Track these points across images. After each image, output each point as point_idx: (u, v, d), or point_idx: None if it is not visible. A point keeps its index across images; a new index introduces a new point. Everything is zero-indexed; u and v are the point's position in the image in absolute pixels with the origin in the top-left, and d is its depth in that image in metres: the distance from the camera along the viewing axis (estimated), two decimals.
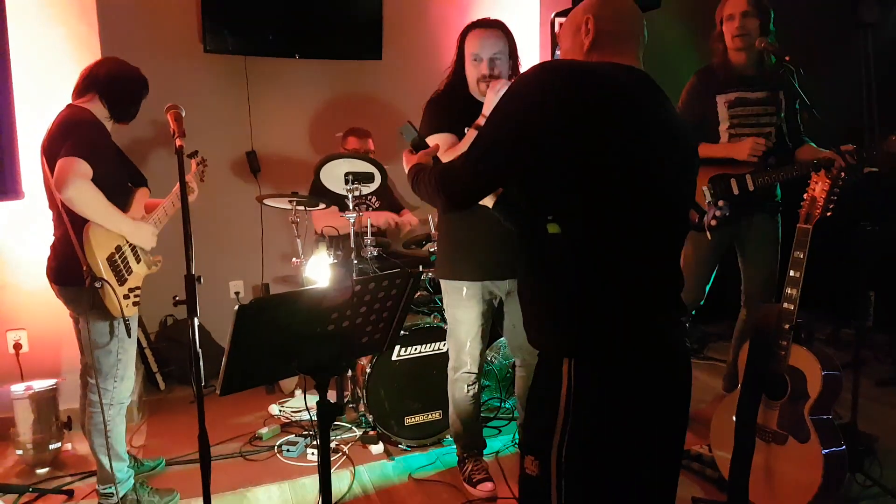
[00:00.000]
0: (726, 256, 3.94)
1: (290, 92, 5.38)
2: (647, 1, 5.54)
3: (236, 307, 1.93)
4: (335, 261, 3.95)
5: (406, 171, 2.35)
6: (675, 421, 1.92)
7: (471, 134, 2.88)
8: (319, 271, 3.99)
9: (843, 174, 2.78)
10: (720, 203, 3.66)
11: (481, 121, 2.84)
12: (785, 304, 2.87)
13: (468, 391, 3.39)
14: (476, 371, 3.37)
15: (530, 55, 5.95)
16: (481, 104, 3.00)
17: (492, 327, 3.45)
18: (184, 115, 2.52)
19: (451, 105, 3.12)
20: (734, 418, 2.98)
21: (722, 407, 3.21)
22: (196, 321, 2.08)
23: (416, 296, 3.72)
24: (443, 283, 3.35)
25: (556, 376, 1.78)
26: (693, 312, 4.06)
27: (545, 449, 1.80)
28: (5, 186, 3.92)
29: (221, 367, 2.04)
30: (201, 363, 2.11)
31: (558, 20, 5.64)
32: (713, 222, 3.67)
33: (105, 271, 2.93)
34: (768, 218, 3.83)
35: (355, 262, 3.94)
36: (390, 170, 4.76)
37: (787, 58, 3.46)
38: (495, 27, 3.10)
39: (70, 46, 4.11)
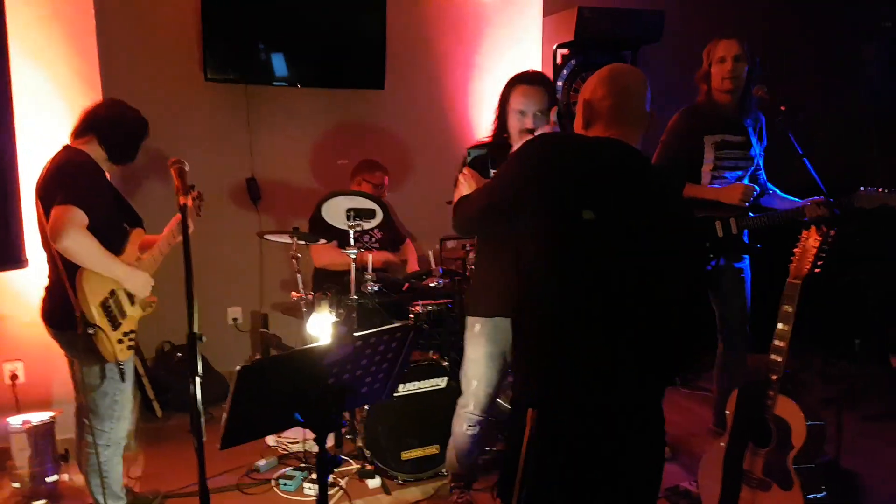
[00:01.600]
0: None
1: (292, 120, 5.42)
2: (648, 36, 5.65)
3: (238, 368, 1.98)
4: (337, 319, 3.99)
5: (456, 189, 2.68)
6: (638, 478, 2.00)
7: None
8: (321, 329, 4.01)
9: (832, 232, 2.84)
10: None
11: None
12: (773, 356, 2.94)
13: (467, 430, 3.38)
14: (478, 414, 3.34)
15: None
16: None
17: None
18: (187, 169, 2.54)
19: (495, 155, 3.09)
20: (722, 463, 3.05)
21: (710, 449, 3.27)
22: (198, 381, 2.11)
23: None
24: (466, 318, 3.38)
25: (522, 424, 1.91)
26: None
27: (507, 495, 1.96)
28: (9, 255, 3.84)
29: (222, 423, 2.10)
30: (202, 419, 2.16)
31: (560, 52, 5.71)
32: None
33: (98, 317, 2.93)
34: (738, 260, 3.91)
35: (355, 297, 3.98)
36: (392, 198, 4.83)
37: (782, 108, 3.53)
38: (540, 85, 3.17)
39: (71, 78, 4.13)
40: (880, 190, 3.42)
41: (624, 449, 1.95)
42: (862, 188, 3.45)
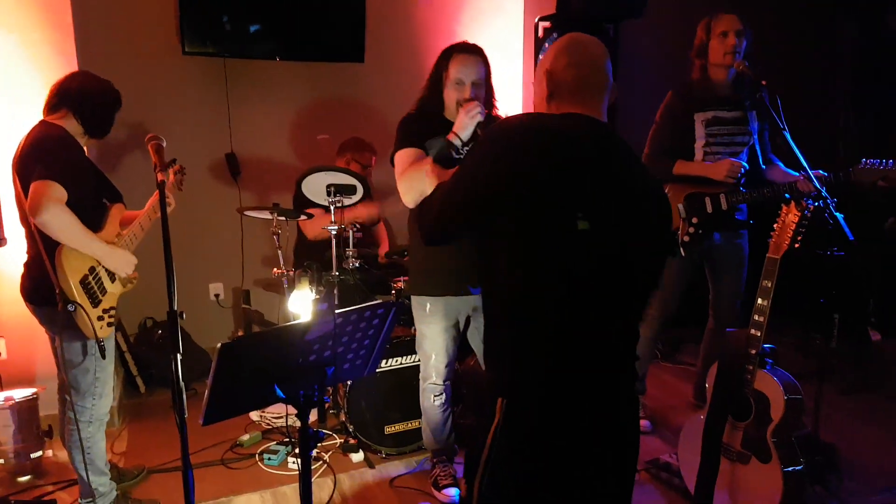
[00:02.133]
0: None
1: (271, 94, 5.38)
2: (630, 10, 5.62)
3: (219, 345, 1.97)
4: (317, 296, 3.99)
5: (426, 180, 2.64)
6: (606, 468, 2.00)
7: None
8: (302, 306, 4.02)
9: (811, 205, 2.86)
10: (694, 220, 3.78)
11: (451, 136, 2.90)
12: (752, 331, 2.97)
13: (434, 401, 3.50)
14: (441, 382, 3.47)
15: (514, 59, 5.98)
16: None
17: (464, 341, 3.54)
18: (164, 145, 2.51)
19: (425, 125, 3.17)
20: (701, 436, 3.09)
21: (690, 421, 3.31)
22: (179, 357, 2.11)
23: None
24: (412, 298, 3.44)
25: (492, 412, 1.91)
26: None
27: (472, 477, 1.96)
28: None
29: (204, 399, 2.10)
30: (185, 395, 2.15)
31: (542, 24, 5.68)
32: (686, 238, 3.78)
33: (78, 294, 2.91)
34: (735, 236, 3.94)
35: (337, 274, 3.98)
36: (375, 173, 4.81)
37: (763, 82, 3.53)
38: (477, 54, 3.15)
39: (46, 52, 4.06)
40: (880, 163, 3.41)
41: (596, 443, 1.95)
42: (864, 160, 3.45)
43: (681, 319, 4.78)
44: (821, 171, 3.43)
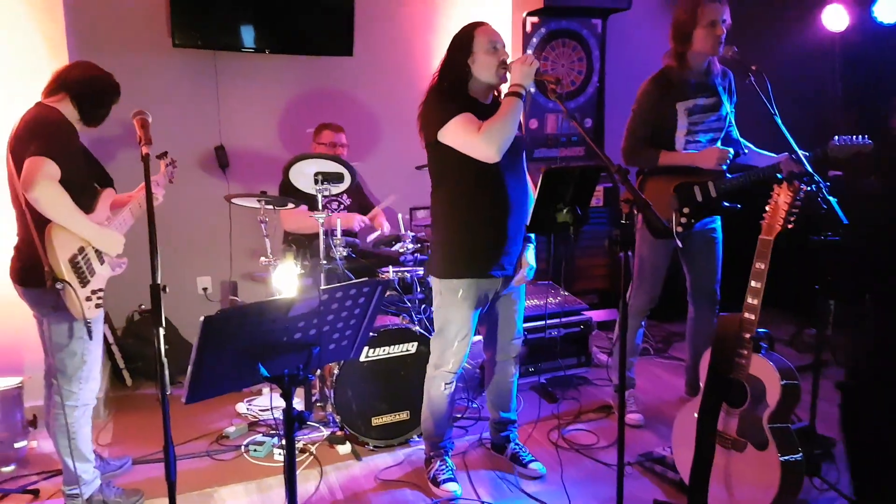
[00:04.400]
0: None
1: (260, 87, 5.35)
2: (617, 4, 5.62)
3: (202, 318, 1.94)
4: (302, 271, 3.94)
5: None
6: None
7: (510, 101, 3.08)
8: (287, 280, 3.97)
9: (804, 186, 2.82)
10: (685, 210, 3.75)
11: (516, 87, 3.09)
12: (746, 314, 2.92)
13: (444, 389, 3.44)
14: (455, 371, 3.43)
15: None
16: (481, 104, 3.20)
17: None
18: (150, 121, 2.49)
19: (459, 98, 3.21)
20: (695, 425, 3.04)
21: (683, 411, 3.26)
22: (161, 332, 2.07)
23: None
24: (438, 282, 3.36)
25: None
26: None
27: None
28: None
29: (187, 376, 2.05)
30: (167, 372, 2.11)
31: (530, 19, 5.67)
32: (679, 228, 3.75)
33: (67, 273, 2.89)
34: (707, 221, 3.93)
35: (324, 262, 3.95)
36: (361, 167, 4.77)
37: (753, 67, 3.50)
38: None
39: (37, 42, 4.02)
40: (853, 139, 3.42)
41: None
42: (836, 138, 3.44)
43: (670, 314, 4.75)
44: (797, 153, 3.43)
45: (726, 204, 3.76)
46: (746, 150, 3.93)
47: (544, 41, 5.75)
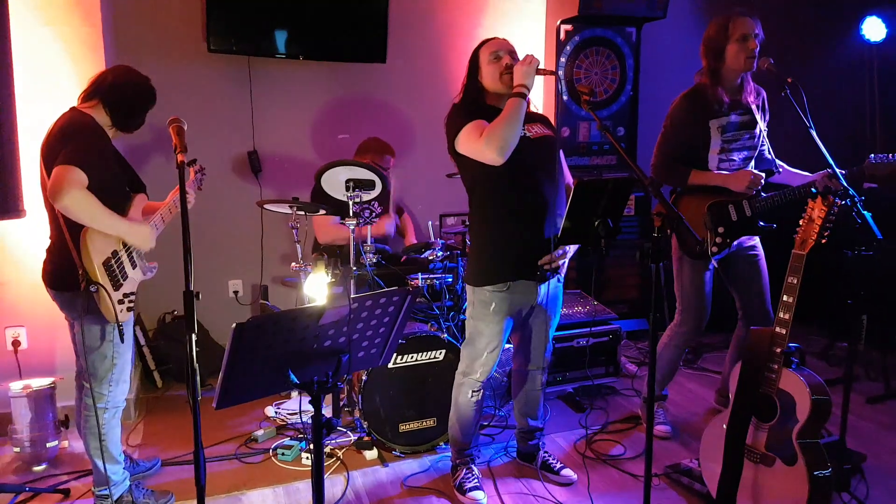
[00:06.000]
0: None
1: (294, 93, 5.39)
2: (653, 12, 5.59)
3: (234, 325, 1.96)
4: (333, 279, 3.97)
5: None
6: None
7: (511, 101, 3.07)
8: (317, 289, 3.99)
9: (838, 202, 2.79)
10: (720, 229, 3.71)
11: (519, 88, 3.08)
12: (777, 329, 2.89)
13: (472, 397, 3.44)
14: (483, 380, 3.43)
15: None
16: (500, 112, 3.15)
17: None
18: (186, 128, 2.51)
19: (477, 109, 3.24)
20: (724, 438, 3.02)
21: (712, 424, 3.24)
22: (194, 338, 2.09)
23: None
24: (471, 291, 3.36)
25: None
26: None
27: None
28: (7, 205, 3.83)
29: (218, 382, 2.08)
30: (198, 376, 2.13)
31: (564, 27, 5.66)
32: (714, 249, 3.71)
33: (101, 276, 2.92)
34: (747, 239, 3.88)
35: (354, 269, 3.97)
36: (395, 173, 4.80)
37: (789, 79, 3.46)
38: (502, 39, 3.34)
39: (73, 47, 4.08)
40: (890, 157, 3.38)
41: None
42: (872, 156, 3.40)
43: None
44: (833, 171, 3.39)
45: (762, 223, 3.70)
46: (780, 170, 3.88)
47: (578, 49, 5.73)
